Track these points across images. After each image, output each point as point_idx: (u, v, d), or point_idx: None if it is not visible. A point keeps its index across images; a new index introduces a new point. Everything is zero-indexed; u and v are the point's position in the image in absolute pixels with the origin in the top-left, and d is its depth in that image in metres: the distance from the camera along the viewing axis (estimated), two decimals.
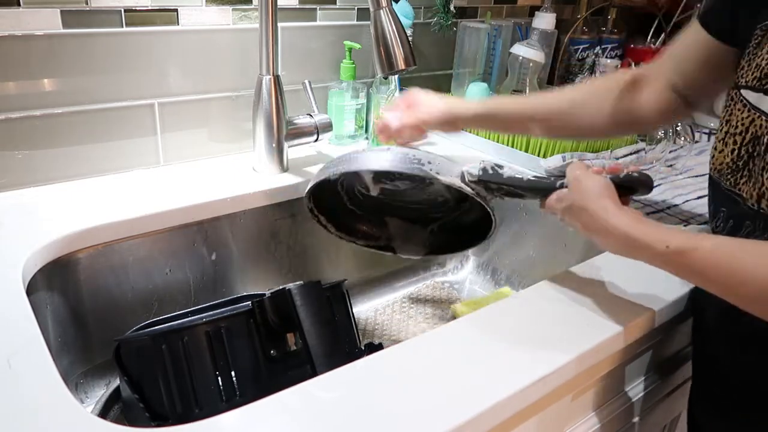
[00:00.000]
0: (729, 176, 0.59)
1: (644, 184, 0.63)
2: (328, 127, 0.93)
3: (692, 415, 0.72)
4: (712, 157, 0.61)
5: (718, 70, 0.66)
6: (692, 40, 0.68)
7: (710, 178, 0.63)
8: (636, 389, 0.75)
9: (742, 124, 0.56)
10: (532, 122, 0.79)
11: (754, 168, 0.55)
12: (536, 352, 0.55)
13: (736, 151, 0.57)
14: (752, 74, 0.55)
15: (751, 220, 0.56)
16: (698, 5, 1.37)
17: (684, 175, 1.01)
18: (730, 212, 0.59)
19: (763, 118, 0.54)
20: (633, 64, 1.26)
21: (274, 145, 0.89)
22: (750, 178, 0.56)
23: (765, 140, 0.54)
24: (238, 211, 0.85)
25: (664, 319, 0.65)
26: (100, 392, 0.75)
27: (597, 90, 0.77)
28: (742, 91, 0.57)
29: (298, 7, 0.96)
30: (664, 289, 0.66)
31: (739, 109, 0.57)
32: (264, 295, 0.66)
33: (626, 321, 0.60)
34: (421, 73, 1.17)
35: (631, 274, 0.69)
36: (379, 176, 0.78)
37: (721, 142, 0.59)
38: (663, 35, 1.35)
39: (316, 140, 0.92)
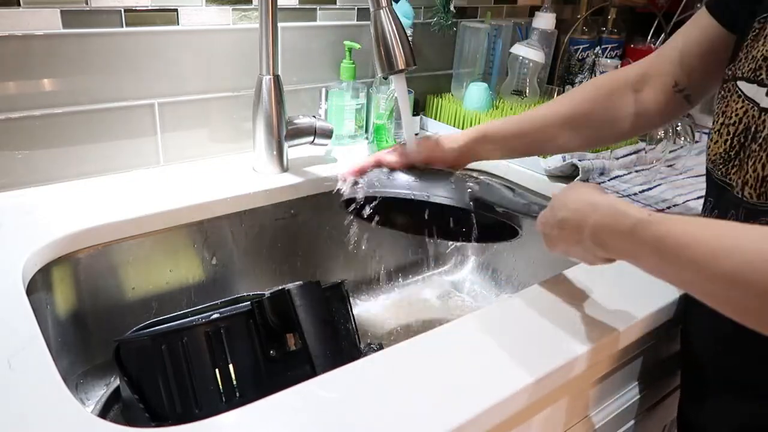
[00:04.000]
0: (721, 166, 0.59)
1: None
2: (328, 133, 0.93)
3: (682, 414, 0.72)
4: (708, 148, 0.62)
5: (722, 60, 0.65)
6: (697, 30, 0.68)
7: (706, 170, 0.63)
8: (636, 389, 0.75)
9: (736, 115, 0.57)
10: (533, 137, 0.77)
11: (744, 157, 0.56)
12: (535, 352, 0.55)
13: (729, 141, 0.58)
14: (748, 66, 0.56)
15: (734, 209, 0.57)
16: (698, 5, 1.37)
17: (684, 175, 1.01)
18: (717, 201, 0.60)
19: (756, 108, 0.55)
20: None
21: (274, 145, 0.89)
22: (740, 167, 0.57)
23: (752, 129, 0.54)
24: (238, 211, 0.85)
25: (661, 321, 0.65)
26: (100, 392, 0.75)
27: (599, 100, 0.75)
28: (738, 82, 0.57)
29: (298, 7, 0.96)
30: (661, 292, 0.66)
31: (734, 100, 0.58)
32: (263, 295, 0.66)
33: (624, 322, 0.60)
34: (421, 73, 1.17)
35: (628, 277, 0.69)
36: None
37: (717, 133, 0.60)
38: (663, 35, 1.35)
39: (313, 141, 0.92)
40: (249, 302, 0.65)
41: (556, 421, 0.64)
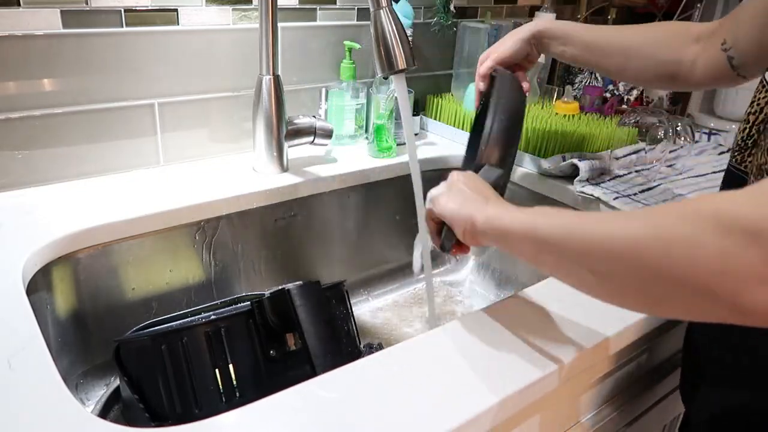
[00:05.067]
0: (737, 153, 0.60)
1: None
2: (328, 133, 0.93)
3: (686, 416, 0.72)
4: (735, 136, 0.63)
5: None
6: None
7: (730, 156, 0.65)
8: (636, 389, 0.75)
9: (758, 104, 0.58)
10: (589, 52, 0.81)
11: (760, 144, 0.57)
12: (536, 351, 0.55)
13: (747, 129, 0.59)
14: None
15: None
16: (698, 5, 1.37)
17: (684, 175, 1.01)
18: (724, 188, 0.61)
19: None
20: None
21: (274, 145, 0.89)
22: (755, 156, 0.58)
23: None
24: (238, 211, 0.85)
25: (663, 320, 0.65)
26: (100, 392, 0.75)
27: (655, 35, 0.78)
28: (766, 73, 0.59)
29: (298, 7, 0.96)
30: None
31: (759, 90, 0.59)
32: (263, 295, 0.66)
33: (625, 321, 0.60)
34: (421, 73, 1.17)
35: None
36: None
37: (743, 121, 0.61)
38: None
39: (313, 141, 0.92)
40: (249, 302, 0.66)
41: (555, 422, 0.64)
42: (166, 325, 0.64)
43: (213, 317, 0.63)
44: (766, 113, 0.57)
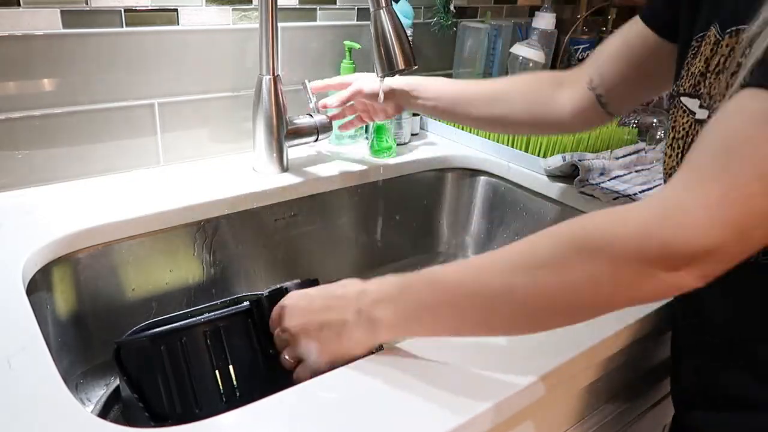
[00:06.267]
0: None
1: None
2: (328, 127, 0.93)
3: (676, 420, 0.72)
4: (663, 162, 0.63)
5: (637, 66, 0.69)
6: (631, 36, 0.71)
7: (664, 183, 0.64)
8: (636, 389, 0.75)
9: (683, 129, 0.58)
10: (455, 104, 0.84)
11: None
12: (537, 350, 0.55)
13: (680, 155, 0.59)
14: (689, 82, 0.58)
15: None
16: None
17: None
18: None
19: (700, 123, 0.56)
20: None
21: (274, 145, 0.89)
22: None
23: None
24: (238, 211, 0.85)
25: (664, 320, 0.65)
26: (100, 392, 0.75)
27: (521, 83, 0.81)
28: (682, 98, 0.59)
29: (298, 7, 0.96)
30: None
31: (680, 115, 0.59)
32: (262, 294, 0.66)
33: (626, 321, 0.60)
34: (421, 73, 1.17)
35: None
36: None
37: (670, 147, 0.61)
38: None
39: (316, 140, 0.92)
40: (248, 302, 0.65)
41: (555, 422, 0.64)
42: (165, 326, 0.64)
43: (212, 317, 0.63)
44: (692, 138, 0.56)
